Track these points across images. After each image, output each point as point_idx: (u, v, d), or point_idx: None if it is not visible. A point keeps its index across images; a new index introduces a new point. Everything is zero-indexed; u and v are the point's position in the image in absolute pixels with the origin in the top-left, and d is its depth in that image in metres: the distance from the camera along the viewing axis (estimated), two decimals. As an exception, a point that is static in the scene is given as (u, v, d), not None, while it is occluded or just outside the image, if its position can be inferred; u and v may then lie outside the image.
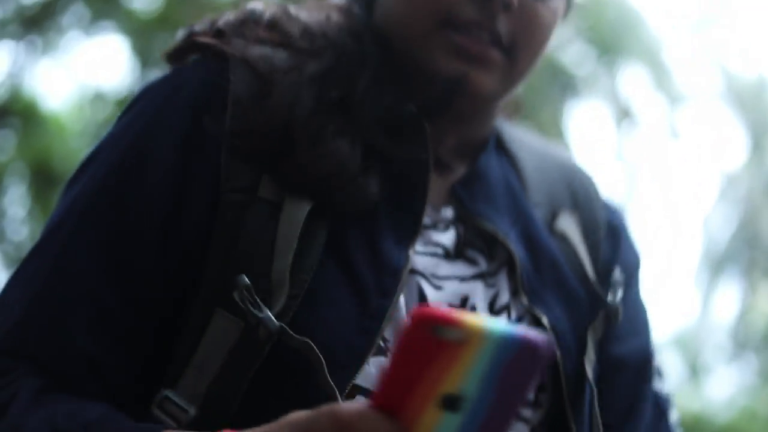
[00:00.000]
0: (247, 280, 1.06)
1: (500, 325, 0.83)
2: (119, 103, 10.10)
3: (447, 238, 1.21)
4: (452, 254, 1.20)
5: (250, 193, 1.12)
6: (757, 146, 17.12)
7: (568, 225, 1.32)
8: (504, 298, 1.21)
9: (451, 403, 0.83)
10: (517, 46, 1.19)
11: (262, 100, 1.13)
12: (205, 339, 1.10)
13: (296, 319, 1.07)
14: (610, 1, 10.06)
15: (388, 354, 1.10)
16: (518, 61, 1.20)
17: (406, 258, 1.14)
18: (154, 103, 1.18)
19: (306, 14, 1.23)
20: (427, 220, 1.20)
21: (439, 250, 1.20)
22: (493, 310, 1.19)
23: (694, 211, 20.90)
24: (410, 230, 1.16)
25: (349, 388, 1.07)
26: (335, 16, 1.23)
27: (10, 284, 1.13)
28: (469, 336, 0.80)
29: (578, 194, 1.37)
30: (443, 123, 1.25)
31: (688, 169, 19.44)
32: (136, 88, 9.50)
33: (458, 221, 1.23)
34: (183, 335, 1.12)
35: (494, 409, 0.85)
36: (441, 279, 1.18)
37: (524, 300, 1.20)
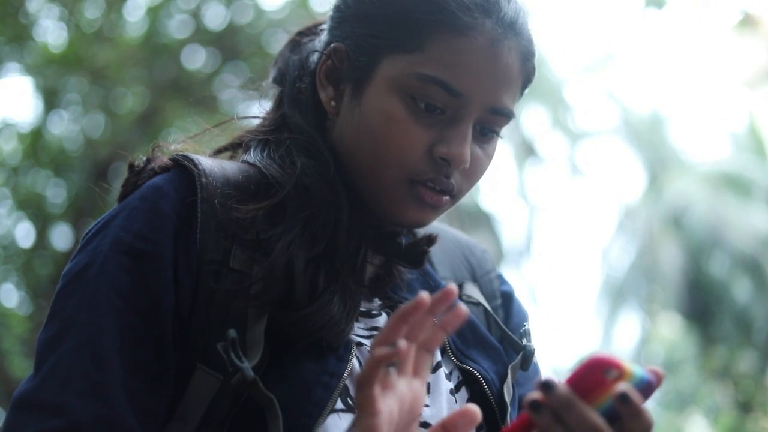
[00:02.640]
0: (235, 333, 1.23)
1: (639, 368, 1.09)
2: (23, 136, 10.05)
3: (380, 321, 1.40)
4: None
5: (222, 264, 1.30)
6: (653, 179, 17.58)
7: (474, 292, 1.55)
8: (437, 357, 1.41)
9: None
10: (462, 191, 1.40)
11: (259, 259, 1.31)
12: (188, 392, 1.27)
13: (266, 376, 1.24)
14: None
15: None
16: (459, 199, 1.41)
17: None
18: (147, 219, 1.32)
19: (279, 162, 1.39)
20: (362, 309, 1.39)
21: (375, 332, 1.38)
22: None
23: (594, 243, 21.33)
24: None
25: None
26: (306, 162, 1.38)
27: (51, 374, 1.24)
28: (622, 375, 1.08)
29: (474, 268, 1.60)
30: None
31: (587, 202, 19.92)
32: (40, 122, 9.40)
33: (386, 307, 1.42)
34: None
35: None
36: None
37: (452, 358, 1.42)
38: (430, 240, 1.45)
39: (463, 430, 1.14)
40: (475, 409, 1.14)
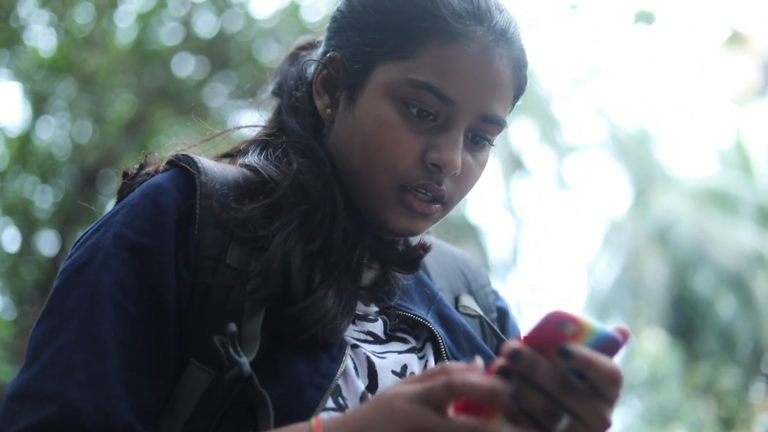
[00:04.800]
0: (235, 327, 1.23)
1: (599, 324, 1.08)
2: (11, 140, 10.03)
3: (376, 327, 1.42)
4: (383, 339, 1.42)
5: (219, 261, 1.32)
6: (640, 195, 17.63)
7: (471, 303, 1.58)
8: (431, 362, 1.42)
9: None
10: (453, 199, 1.42)
11: (256, 255, 1.33)
12: (179, 387, 1.28)
13: (258, 373, 1.23)
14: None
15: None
16: (451, 208, 1.44)
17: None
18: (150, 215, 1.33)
19: (275, 163, 1.41)
20: (359, 312, 1.41)
21: (370, 337, 1.40)
22: None
23: (580, 257, 21.34)
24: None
25: None
26: (303, 161, 1.41)
27: (49, 363, 1.24)
28: (581, 330, 1.07)
29: (470, 281, 1.63)
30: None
31: (574, 216, 19.97)
32: (29, 127, 9.35)
33: (383, 313, 1.44)
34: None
35: None
36: (381, 353, 1.38)
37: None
38: (425, 247, 1.47)
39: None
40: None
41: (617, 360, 1.12)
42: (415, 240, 1.50)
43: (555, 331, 1.07)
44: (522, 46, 1.41)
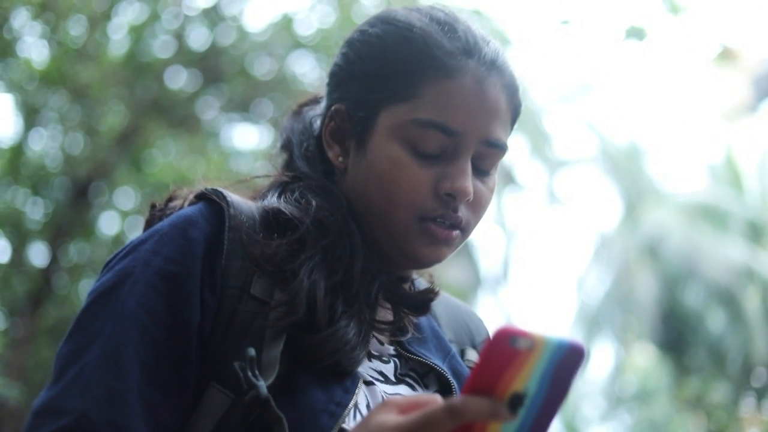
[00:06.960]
0: (254, 352, 1.29)
1: (554, 334, 1.05)
2: (2, 152, 10.01)
3: (387, 368, 1.48)
4: (393, 381, 1.48)
5: (243, 291, 1.38)
6: (630, 209, 17.66)
7: (475, 358, 1.64)
8: None
9: (517, 400, 1.08)
10: (470, 224, 1.50)
11: (282, 284, 1.39)
12: (198, 409, 1.34)
13: (275, 399, 1.29)
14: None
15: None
16: (469, 234, 1.52)
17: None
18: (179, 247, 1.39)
19: (294, 204, 1.48)
20: (374, 351, 1.49)
21: (381, 377, 1.46)
22: None
23: (570, 271, 21.34)
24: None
25: None
26: (320, 200, 1.48)
27: (70, 386, 1.29)
28: (535, 344, 1.04)
29: (474, 334, 1.70)
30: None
31: (565, 230, 19.97)
32: (21, 138, 9.31)
33: (397, 357, 1.51)
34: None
35: (545, 403, 1.10)
36: (393, 394, 1.44)
37: None
38: (434, 291, 1.54)
39: None
40: None
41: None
42: (423, 284, 1.58)
43: (509, 349, 1.04)
44: (512, 71, 1.51)
